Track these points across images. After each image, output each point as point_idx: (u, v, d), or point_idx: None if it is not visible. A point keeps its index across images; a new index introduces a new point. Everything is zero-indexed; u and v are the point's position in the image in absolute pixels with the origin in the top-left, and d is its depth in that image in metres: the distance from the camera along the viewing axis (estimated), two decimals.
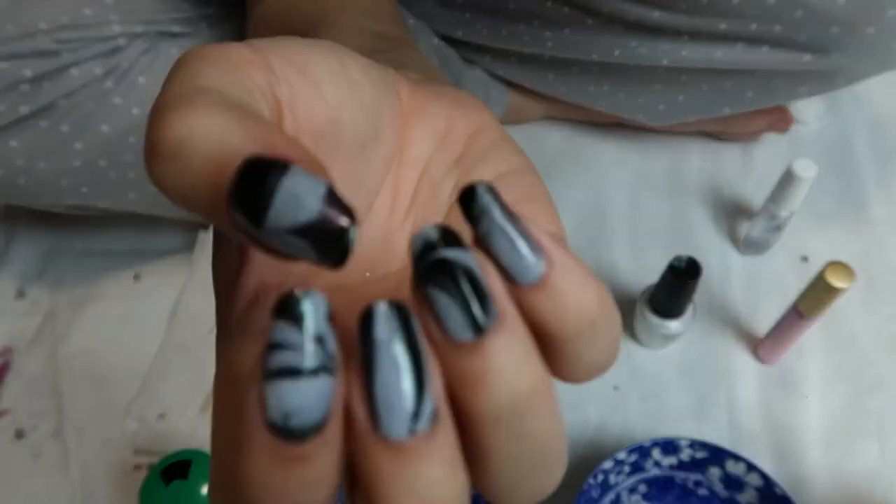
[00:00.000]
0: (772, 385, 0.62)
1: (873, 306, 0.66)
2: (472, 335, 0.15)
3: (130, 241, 0.72)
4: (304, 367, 0.14)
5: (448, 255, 0.15)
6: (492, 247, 0.16)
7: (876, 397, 0.62)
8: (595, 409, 0.62)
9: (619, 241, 0.71)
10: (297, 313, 0.14)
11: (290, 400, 0.14)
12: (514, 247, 0.16)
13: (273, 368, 0.14)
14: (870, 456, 0.59)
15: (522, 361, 0.15)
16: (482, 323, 0.15)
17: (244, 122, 0.15)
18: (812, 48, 0.56)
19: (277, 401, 0.14)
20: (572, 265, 0.16)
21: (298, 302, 0.14)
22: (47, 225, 0.73)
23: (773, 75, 0.60)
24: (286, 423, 0.14)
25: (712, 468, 0.54)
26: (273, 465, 0.14)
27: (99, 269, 0.70)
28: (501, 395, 0.15)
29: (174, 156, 0.15)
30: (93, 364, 0.64)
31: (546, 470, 0.18)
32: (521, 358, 0.15)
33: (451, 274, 0.15)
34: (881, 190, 0.74)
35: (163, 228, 0.72)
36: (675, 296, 0.58)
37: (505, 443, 0.16)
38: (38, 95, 0.52)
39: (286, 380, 0.14)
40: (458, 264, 0.15)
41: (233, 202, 0.14)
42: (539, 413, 0.16)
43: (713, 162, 0.76)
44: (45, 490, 0.59)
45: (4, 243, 0.72)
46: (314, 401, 0.14)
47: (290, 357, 0.14)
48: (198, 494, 0.49)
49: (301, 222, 0.14)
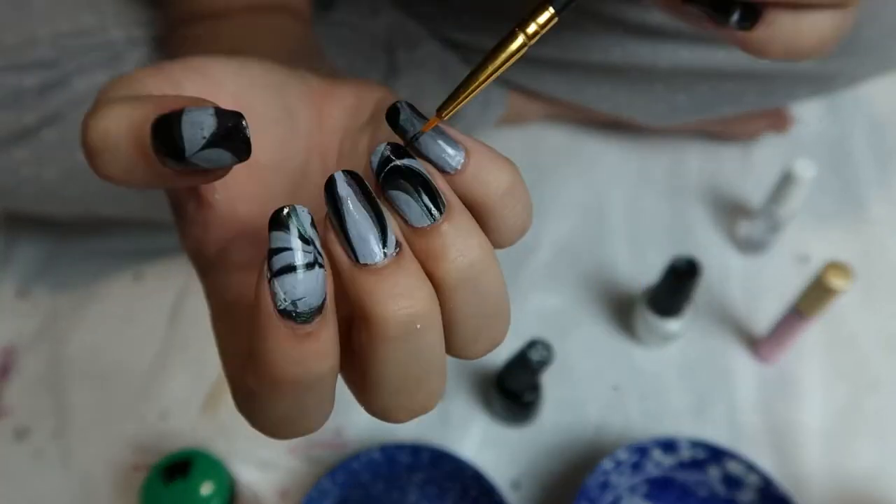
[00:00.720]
0: (771, 385, 0.62)
1: (873, 306, 0.66)
2: (429, 222, 0.20)
3: (130, 241, 0.72)
4: (301, 263, 0.19)
5: (402, 163, 0.20)
6: (421, 148, 0.21)
7: (875, 397, 0.62)
8: (595, 409, 0.62)
9: (619, 241, 0.71)
10: (288, 223, 0.19)
11: (295, 289, 0.19)
12: (438, 144, 0.21)
13: (277, 267, 0.19)
14: (869, 456, 0.59)
15: (469, 235, 0.20)
16: (435, 213, 0.20)
17: (142, 101, 0.20)
18: None
19: (285, 292, 0.19)
20: (484, 150, 0.21)
21: (288, 215, 0.19)
22: (48, 225, 0.73)
23: (772, 77, 0.60)
24: (295, 308, 0.19)
25: (712, 468, 0.54)
26: (289, 343, 0.19)
27: (99, 269, 0.70)
28: (459, 262, 0.20)
29: (103, 147, 0.20)
30: (93, 364, 0.64)
31: (499, 321, 0.23)
32: (468, 232, 0.20)
33: (408, 178, 0.20)
34: (881, 190, 0.74)
35: (163, 228, 0.72)
36: (675, 296, 0.58)
37: (468, 300, 0.21)
38: (42, 105, 0.52)
39: (289, 274, 0.19)
40: (412, 170, 0.20)
41: (158, 153, 0.19)
42: (490, 272, 0.21)
43: (713, 162, 0.76)
44: (46, 490, 0.59)
45: (5, 244, 0.72)
46: (313, 287, 0.19)
47: (289, 256, 0.19)
48: (198, 494, 0.49)
49: (208, 136, 0.19)
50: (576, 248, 0.70)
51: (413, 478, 0.57)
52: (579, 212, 0.72)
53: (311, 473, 0.59)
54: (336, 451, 0.60)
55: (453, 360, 0.67)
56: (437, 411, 0.61)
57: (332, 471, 0.54)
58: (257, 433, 0.23)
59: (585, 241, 0.70)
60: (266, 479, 0.59)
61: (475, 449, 0.60)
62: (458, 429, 0.61)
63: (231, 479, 0.56)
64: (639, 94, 0.66)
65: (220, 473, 0.51)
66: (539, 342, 0.53)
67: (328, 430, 0.60)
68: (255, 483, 0.58)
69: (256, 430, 0.22)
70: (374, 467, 0.56)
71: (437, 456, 0.55)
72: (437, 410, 0.62)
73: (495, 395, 0.58)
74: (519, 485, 0.58)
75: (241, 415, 0.22)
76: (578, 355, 0.64)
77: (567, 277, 0.68)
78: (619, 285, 0.68)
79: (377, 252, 0.19)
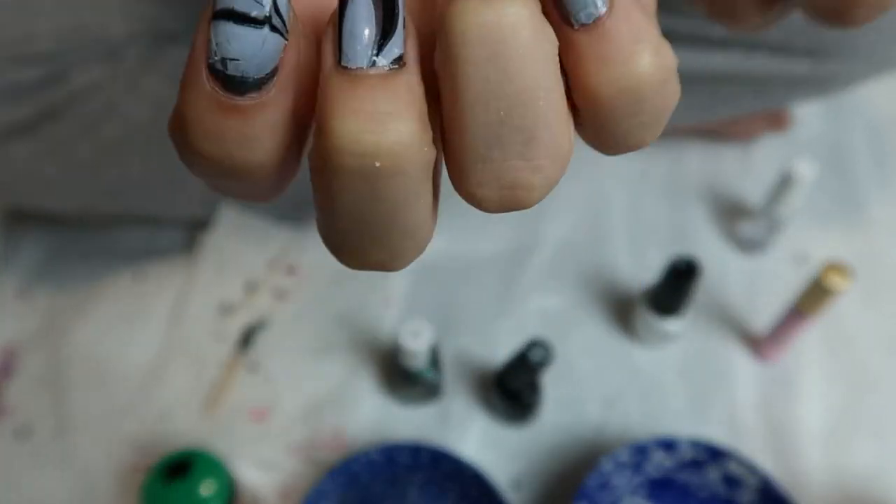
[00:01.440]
0: (771, 385, 0.62)
1: (872, 306, 0.66)
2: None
3: (130, 241, 0.72)
4: (245, 12, 0.14)
5: None
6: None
7: (875, 397, 0.62)
8: (595, 409, 0.62)
9: (618, 240, 0.71)
10: None
11: (229, 44, 0.14)
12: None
13: (221, 8, 0.14)
14: (869, 455, 0.59)
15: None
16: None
17: None
18: (809, 53, 0.56)
19: (217, 43, 0.14)
20: (636, 17, 0.16)
21: None
22: (48, 225, 0.73)
23: (770, 80, 0.60)
24: (224, 69, 0.15)
25: (712, 468, 0.54)
26: (208, 109, 0.15)
27: (99, 269, 0.70)
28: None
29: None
30: (93, 364, 0.64)
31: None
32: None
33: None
34: (880, 190, 0.74)
35: (163, 228, 0.72)
36: (675, 295, 0.58)
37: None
38: (41, 100, 0.52)
39: (226, 22, 0.14)
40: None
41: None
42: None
43: (713, 162, 0.76)
44: (46, 490, 0.59)
45: (6, 244, 0.72)
46: (252, 52, 0.15)
47: (241, 3, 0.14)
48: (198, 494, 0.49)
49: None
50: (576, 248, 0.70)
51: (413, 478, 0.57)
52: (579, 212, 0.72)
53: (311, 474, 0.59)
54: (336, 451, 0.60)
55: (452, 360, 0.67)
56: (437, 411, 0.62)
57: (331, 471, 0.54)
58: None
59: (586, 241, 0.70)
60: (266, 479, 0.59)
61: (475, 449, 0.60)
62: (458, 429, 0.61)
63: (231, 479, 0.56)
64: None
65: (221, 474, 0.51)
66: (538, 342, 0.53)
67: (328, 431, 0.60)
68: (255, 483, 0.58)
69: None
70: (373, 468, 0.56)
71: (437, 456, 0.55)
72: (437, 410, 0.62)
73: (495, 395, 0.58)
74: (519, 485, 0.59)
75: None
76: (578, 355, 0.64)
77: (567, 277, 0.68)
78: (619, 285, 0.68)
79: (363, 55, 0.15)
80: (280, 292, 0.68)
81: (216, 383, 0.63)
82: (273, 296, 0.67)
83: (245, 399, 0.62)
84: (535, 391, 0.57)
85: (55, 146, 0.53)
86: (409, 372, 0.57)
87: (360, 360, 0.64)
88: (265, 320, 0.66)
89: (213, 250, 0.69)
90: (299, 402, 0.62)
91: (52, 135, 0.53)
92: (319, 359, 0.64)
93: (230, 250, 0.69)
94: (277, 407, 0.62)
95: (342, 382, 0.62)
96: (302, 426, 0.61)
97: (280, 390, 0.62)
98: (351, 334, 0.65)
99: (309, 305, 0.67)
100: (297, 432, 0.60)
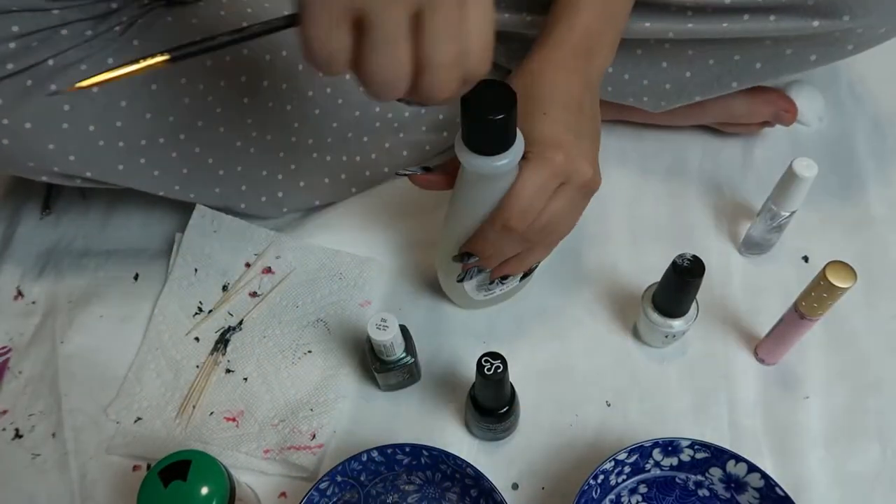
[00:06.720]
0: (772, 385, 0.62)
1: (874, 306, 0.66)
2: None
3: (130, 241, 0.72)
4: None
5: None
6: None
7: (876, 397, 0.62)
8: (595, 409, 0.62)
9: (619, 240, 0.70)
10: None
11: None
12: None
13: None
14: (870, 456, 0.59)
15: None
16: None
17: None
18: (821, 12, 0.55)
19: None
20: None
21: None
22: (47, 225, 0.73)
23: (781, 43, 0.59)
24: None
25: (713, 468, 0.54)
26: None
27: (98, 269, 0.70)
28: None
29: None
30: (92, 364, 0.64)
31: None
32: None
33: None
34: (882, 189, 0.74)
35: (163, 228, 0.72)
36: (678, 294, 0.57)
37: None
38: (25, 53, 0.51)
39: None
40: None
41: None
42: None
43: (714, 161, 0.76)
44: (44, 490, 0.59)
45: (5, 244, 0.72)
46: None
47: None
48: (197, 495, 0.49)
49: None
50: (577, 248, 0.70)
51: (413, 478, 0.56)
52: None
53: (311, 474, 0.58)
54: (336, 451, 0.60)
55: (444, 363, 0.67)
56: (435, 411, 0.61)
57: (331, 471, 0.54)
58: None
59: (586, 241, 0.70)
60: (265, 479, 0.59)
61: (475, 449, 0.60)
62: (458, 429, 0.61)
63: (230, 479, 0.55)
64: (644, 74, 0.65)
65: (219, 474, 0.51)
66: (488, 354, 0.52)
67: (305, 432, 0.60)
68: (254, 484, 0.58)
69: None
70: (373, 468, 0.55)
71: (437, 456, 0.55)
72: (435, 410, 0.62)
73: (471, 415, 0.57)
74: (519, 485, 0.58)
75: None
76: (578, 355, 0.64)
77: (568, 277, 0.68)
78: (620, 285, 0.67)
79: None
80: (257, 292, 0.67)
81: (193, 385, 0.62)
82: (251, 296, 0.67)
83: (222, 401, 0.62)
84: (508, 404, 0.56)
85: (36, 101, 0.52)
86: (385, 362, 0.58)
87: (338, 361, 0.63)
88: (242, 320, 0.66)
89: (189, 250, 0.68)
90: (278, 403, 0.61)
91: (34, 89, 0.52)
92: (296, 359, 0.63)
93: (208, 250, 0.68)
94: (254, 408, 0.61)
95: (320, 383, 0.62)
96: (281, 427, 0.60)
97: (256, 392, 0.62)
98: (329, 334, 0.65)
99: (287, 306, 0.66)
100: (273, 434, 0.60)
